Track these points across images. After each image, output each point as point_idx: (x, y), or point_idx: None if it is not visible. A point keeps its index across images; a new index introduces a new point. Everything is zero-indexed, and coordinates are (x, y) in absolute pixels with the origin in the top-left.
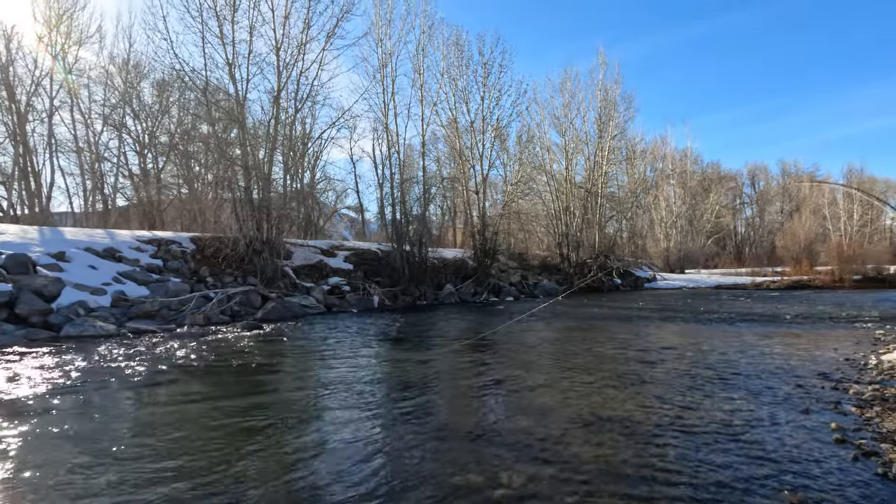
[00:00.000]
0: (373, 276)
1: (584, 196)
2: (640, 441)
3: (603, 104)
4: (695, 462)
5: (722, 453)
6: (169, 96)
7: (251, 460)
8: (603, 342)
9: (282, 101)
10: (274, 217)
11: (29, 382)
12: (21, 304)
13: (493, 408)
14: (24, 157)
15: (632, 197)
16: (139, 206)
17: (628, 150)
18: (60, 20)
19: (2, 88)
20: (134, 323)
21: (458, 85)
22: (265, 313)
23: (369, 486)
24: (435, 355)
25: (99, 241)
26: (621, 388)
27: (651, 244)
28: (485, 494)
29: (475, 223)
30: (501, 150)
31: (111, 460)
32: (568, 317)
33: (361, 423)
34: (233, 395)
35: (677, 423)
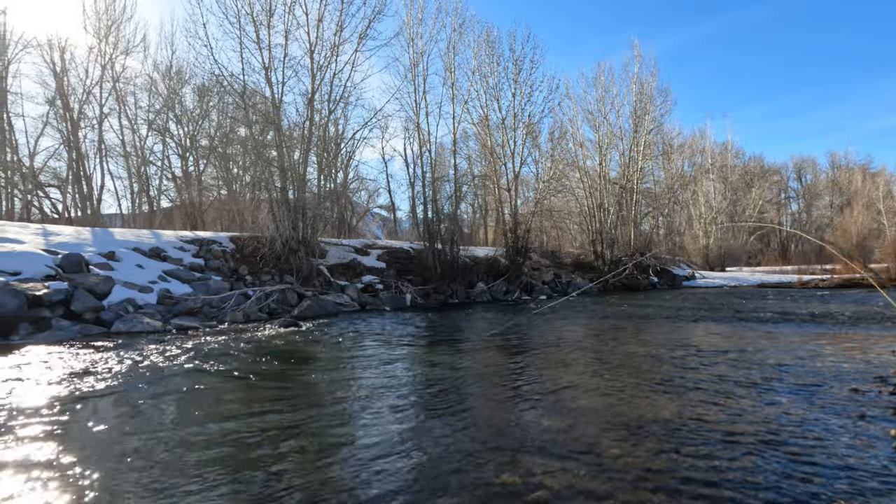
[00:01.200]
0: (405, 274)
1: (618, 192)
2: (681, 446)
3: (638, 98)
4: (740, 470)
5: (769, 461)
6: (209, 101)
7: (288, 454)
8: (639, 342)
9: (315, 102)
10: (309, 217)
11: (86, 376)
12: (76, 301)
13: (528, 407)
14: (77, 163)
15: (669, 193)
16: (181, 208)
17: (665, 145)
18: (109, 31)
19: (57, 98)
20: (178, 320)
21: (489, 82)
22: (301, 311)
23: (405, 485)
24: (467, 353)
25: (145, 241)
26: (659, 390)
27: (689, 241)
28: (523, 496)
29: (507, 221)
30: (533, 147)
31: (158, 451)
32: (603, 316)
33: (397, 421)
34: (272, 391)
35: (720, 427)
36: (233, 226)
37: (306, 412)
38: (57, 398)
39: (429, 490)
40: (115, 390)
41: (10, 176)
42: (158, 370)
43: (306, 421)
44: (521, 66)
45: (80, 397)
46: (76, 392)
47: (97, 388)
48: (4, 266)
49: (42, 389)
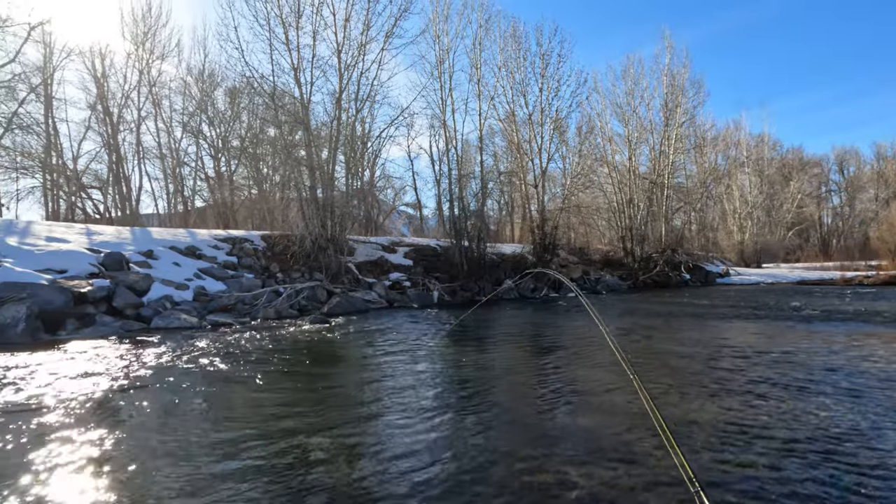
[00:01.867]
0: (432, 271)
1: (648, 187)
2: (722, 449)
3: (669, 90)
4: (785, 477)
5: (815, 467)
6: (239, 102)
7: (319, 449)
8: (672, 340)
9: (343, 101)
10: (337, 215)
11: (129, 370)
12: (117, 298)
13: (559, 406)
14: (117, 165)
15: (701, 187)
16: (214, 207)
17: (697, 138)
18: (146, 37)
19: (98, 102)
20: (213, 316)
21: (515, 78)
22: (331, 308)
23: (438, 481)
24: (496, 350)
25: (181, 240)
26: (695, 390)
27: (723, 237)
28: (557, 495)
29: (534, 218)
30: (560, 142)
31: (194, 442)
32: (632, 313)
33: (428, 418)
34: (304, 387)
35: (764, 431)
36: (263, 224)
37: (337, 408)
38: (104, 391)
39: (462, 487)
40: (156, 384)
41: (56, 178)
42: (196, 365)
43: (337, 417)
44: (548, 60)
45: (124, 390)
46: (121, 385)
47: (140, 382)
48: (52, 264)
49: (90, 383)
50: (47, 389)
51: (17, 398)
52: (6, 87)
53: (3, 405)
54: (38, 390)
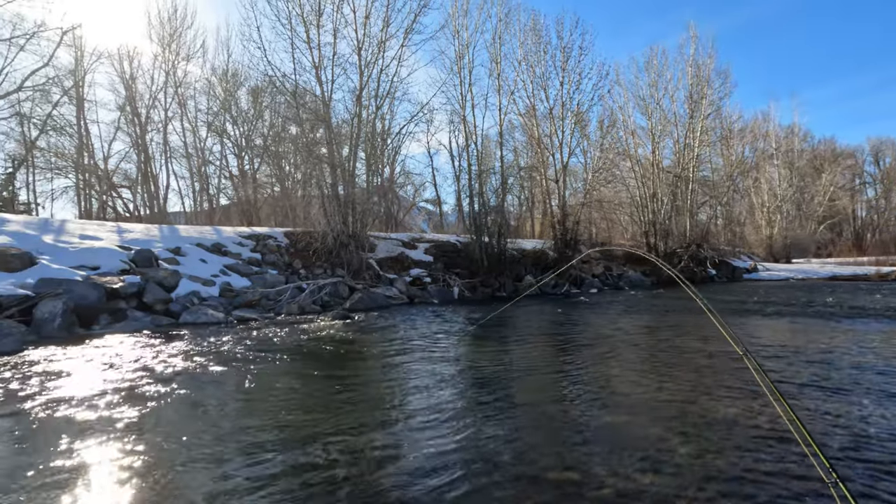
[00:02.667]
0: (452, 267)
1: (672, 181)
2: (751, 447)
3: (694, 81)
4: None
5: (851, 466)
6: (262, 101)
7: (343, 442)
8: (698, 337)
9: (363, 99)
10: (358, 211)
11: (162, 363)
12: (147, 293)
13: (584, 402)
14: (145, 164)
15: (728, 180)
16: (238, 205)
17: (724, 130)
18: (171, 39)
19: (127, 104)
20: (239, 311)
21: (535, 71)
22: (353, 303)
23: (463, 476)
24: (518, 346)
25: (207, 237)
26: (723, 387)
27: (751, 232)
28: (586, 492)
29: (555, 213)
30: (582, 136)
31: (220, 435)
32: (655, 310)
33: (452, 413)
34: (329, 381)
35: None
36: (286, 221)
37: (363, 401)
38: (138, 383)
39: (488, 483)
40: (187, 377)
41: (88, 178)
42: (224, 359)
43: (363, 410)
44: (569, 53)
45: (158, 383)
46: (155, 378)
47: (172, 375)
48: (86, 261)
49: (125, 376)
50: (86, 381)
51: (58, 390)
52: (41, 91)
53: (45, 396)
54: (78, 382)
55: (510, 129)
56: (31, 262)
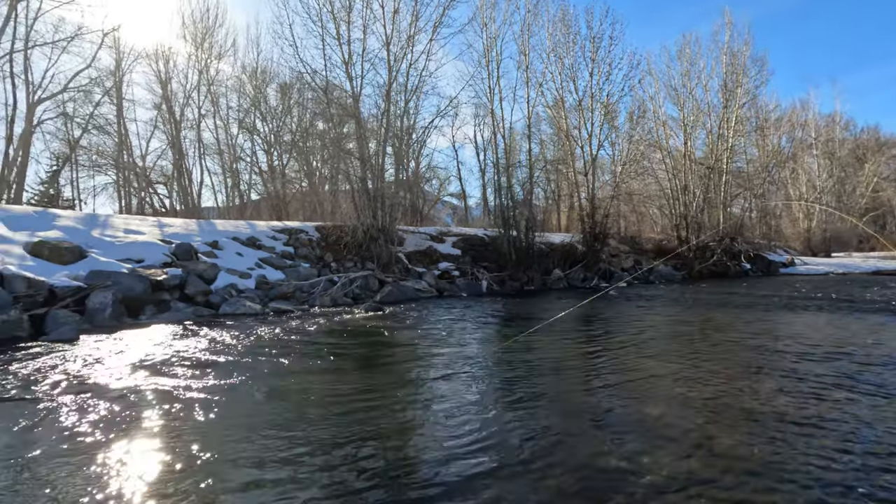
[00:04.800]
0: (480, 261)
1: (705, 173)
2: (796, 440)
3: (729, 70)
4: (865, 472)
5: None
6: (290, 97)
7: (378, 431)
8: (734, 332)
9: (392, 93)
10: (387, 205)
11: (207, 351)
12: (189, 286)
13: (622, 394)
14: (180, 161)
15: (763, 172)
16: (267, 199)
17: (759, 120)
18: (204, 38)
19: (163, 103)
20: (275, 303)
21: (564, 63)
22: (383, 296)
23: (506, 464)
24: (549, 339)
25: (242, 231)
26: (765, 381)
27: (787, 225)
28: (633, 480)
29: (583, 206)
30: (611, 128)
31: (259, 421)
32: (689, 304)
33: (492, 405)
34: (365, 370)
35: (843, 426)
36: (314, 216)
37: (398, 392)
38: (187, 369)
39: (533, 471)
40: (231, 364)
41: (127, 175)
42: (266, 348)
43: (398, 401)
44: (598, 43)
45: (206, 369)
46: (202, 365)
47: (218, 362)
48: (131, 254)
49: (175, 362)
50: (139, 367)
51: (114, 375)
52: (84, 91)
53: (103, 380)
54: (131, 367)
55: (537, 122)
56: (82, 255)
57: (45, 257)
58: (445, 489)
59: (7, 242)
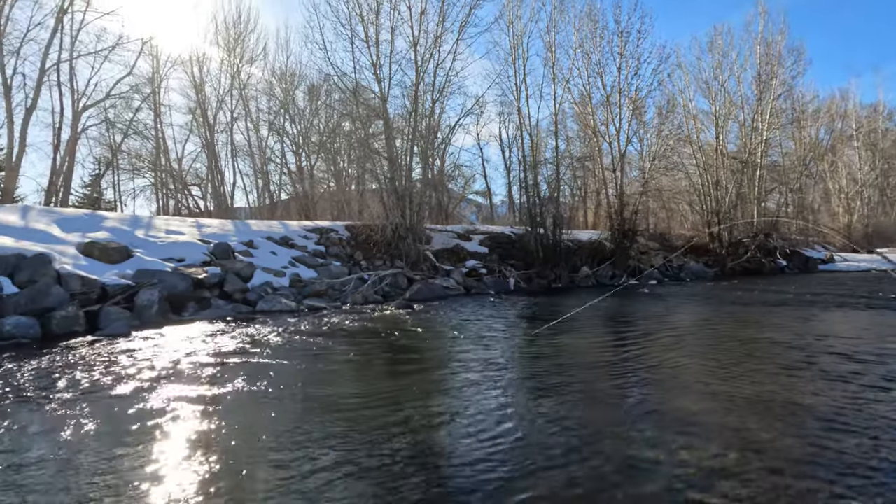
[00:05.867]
0: (507, 259)
1: (738, 168)
2: (836, 434)
3: (763, 60)
4: None
5: None
6: (317, 99)
7: (410, 422)
8: (769, 329)
9: (419, 93)
10: (415, 204)
11: (249, 345)
12: (227, 283)
13: (656, 389)
14: (213, 163)
15: (800, 165)
16: (296, 199)
17: (796, 111)
18: (236, 44)
19: (197, 107)
20: (309, 301)
21: (591, 58)
22: (412, 294)
23: (539, 453)
24: (581, 335)
25: (275, 230)
26: (804, 380)
27: (826, 219)
28: (668, 470)
29: (612, 203)
30: (639, 123)
31: (297, 413)
32: (721, 301)
33: (528, 398)
34: (399, 363)
35: (886, 423)
36: (341, 215)
37: (432, 384)
38: (232, 362)
39: (567, 462)
40: (272, 358)
41: (164, 178)
42: (306, 343)
43: (432, 393)
44: (626, 37)
45: (250, 363)
46: (247, 358)
47: (260, 356)
48: (172, 254)
49: (222, 355)
50: (188, 360)
51: (166, 366)
52: (125, 98)
53: (156, 372)
54: (181, 360)
55: (563, 119)
56: (128, 254)
57: (96, 257)
58: (485, 480)
59: (62, 243)
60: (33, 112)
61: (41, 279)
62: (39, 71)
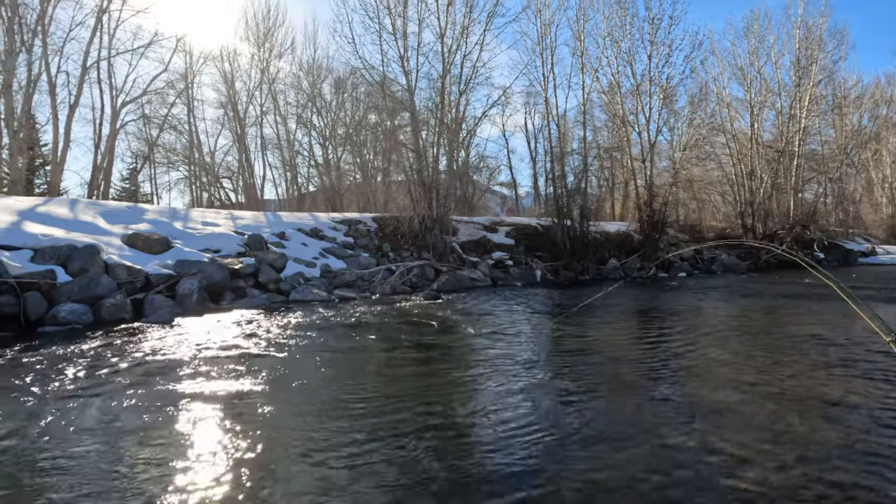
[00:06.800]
0: (533, 250)
1: (773, 157)
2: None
3: (803, 44)
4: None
5: None
6: (343, 92)
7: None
8: (803, 322)
9: (446, 85)
10: (442, 196)
11: (286, 332)
12: (262, 274)
13: (682, 378)
14: (244, 157)
15: (840, 154)
16: (322, 191)
17: (836, 97)
18: (265, 39)
19: (228, 102)
20: (339, 291)
21: (621, 47)
22: (440, 285)
23: (575, 442)
24: (612, 327)
25: (306, 222)
26: (843, 374)
27: (868, 211)
28: (701, 457)
29: (641, 194)
30: (669, 112)
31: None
32: (755, 294)
33: (558, 386)
34: (432, 350)
35: None
36: (367, 207)
37: (468, 372)
38: (271, 348)
39: (600, 448)
40: (309, 345)
41: (197, 171)
42: (338, 331)
43: (464, 382)
44: (658, 24)
45: (287, 349)
46: (285, 345)
47: (297, 343)
48: (209, 245)
49: (262, 341)
50: (231, 346)
51: (211, 351)
52: (161, 94)
53: (202, 356)
54: (224, 346)
55: (590, 108)
56: (169, 245)
57: (139, 248)
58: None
59: (107, 234)
60: (76, 109)
61: (91, 269)
62: (81, 69)
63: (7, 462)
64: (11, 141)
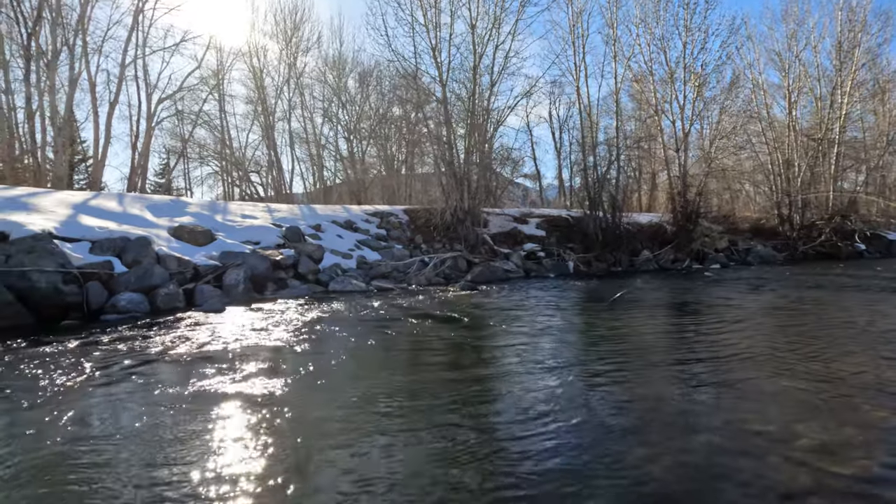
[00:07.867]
0: (565, 242)
1: (812, 145)
2: None
3: (846, 27)
4: None
5: None
6: (368, 86)
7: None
8: (849, 313)
9: (477, 76)
10: (472, 188)
11: (329, 322)
12: (301, 265)
13: (742, 366)
14: (273, 151)
15: (882, 141)
16: (347, 184)
17: (879, 82)
18: (292, 34)
19: (257, 97)
20: (377, 282)
21: (654, 34)
22: (474, 276)
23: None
24: (649, 320)
25: (339, 214)
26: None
27: None
28: (732, 446)
29: (674, 184)
30: (702, 101)
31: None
32: (794, 286)
33: (606, 379)
34: (477, 338)
35: None
36: (392, 199)
37: (504, 365)
38: (318, 337)
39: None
40: (356, 334)
41: (227, 166)
42: (382, 321)
43: (503, 374)
44: (693, 9)
45: (333, 337)
46: (331, 333)
47: (345, 332)
48: (249, 237)
49: (309, 330)
50: (281, 334)
51: (263, 339)
52: (195, 90)
53: (258, 344)
54: (274, 333)
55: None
56: (212, 237)
57: (185, 240)
58: (580, 452)
59: (155, 227)
60: (115, 106)
61: (144, 260)
62: (120, 67)
63: (78, 435)
64: (56, 138)
